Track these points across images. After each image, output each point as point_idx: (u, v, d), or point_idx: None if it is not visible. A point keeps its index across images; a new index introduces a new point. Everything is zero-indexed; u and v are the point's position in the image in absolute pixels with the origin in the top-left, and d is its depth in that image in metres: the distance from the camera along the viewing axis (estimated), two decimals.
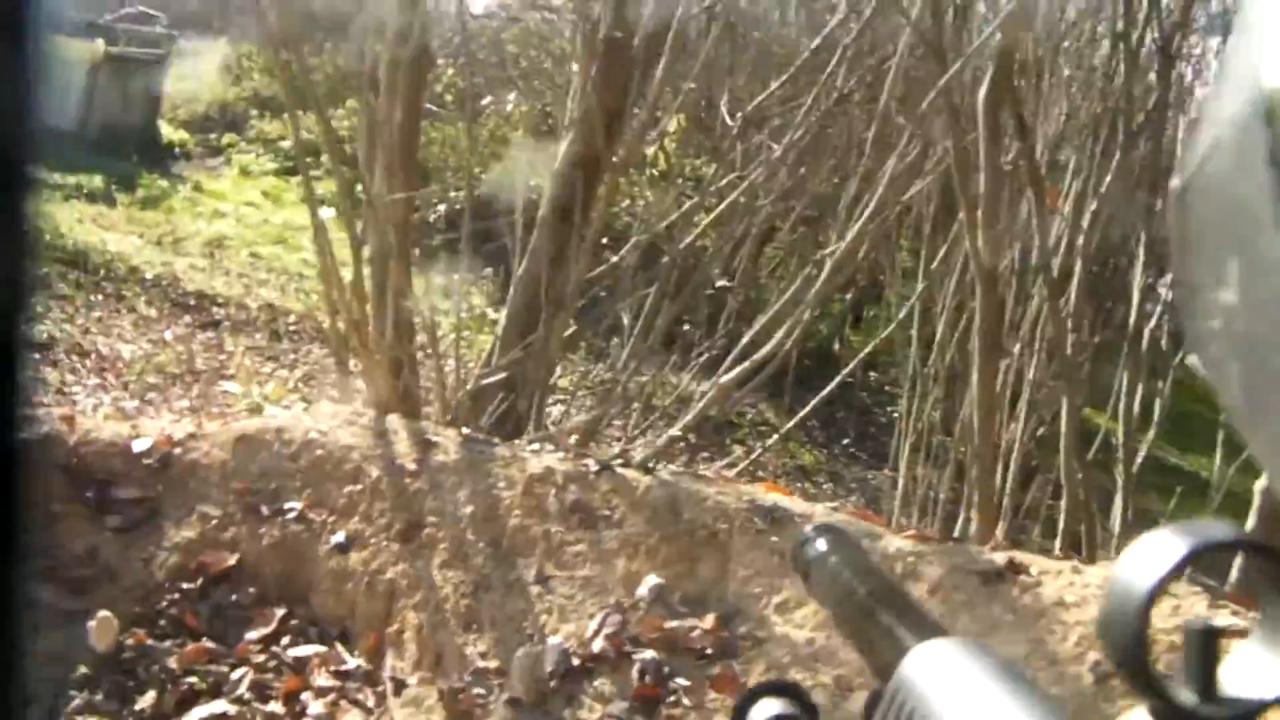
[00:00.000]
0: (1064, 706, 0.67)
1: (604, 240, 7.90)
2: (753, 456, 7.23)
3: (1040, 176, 6.25)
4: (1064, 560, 3.55)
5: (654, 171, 11.76)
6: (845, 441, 9.84)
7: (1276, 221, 0.46)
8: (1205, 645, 0.56)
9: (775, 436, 7.30)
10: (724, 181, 7.28)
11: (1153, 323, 7.12)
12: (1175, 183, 0.55)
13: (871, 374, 10.47)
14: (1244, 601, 3.36)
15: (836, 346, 11.15)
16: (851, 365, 6.86)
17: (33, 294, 0.68)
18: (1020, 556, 3.54)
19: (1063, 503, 6.07)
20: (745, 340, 5.94)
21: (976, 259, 5.10)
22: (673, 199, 7.99)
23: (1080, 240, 6.87)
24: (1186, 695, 0.55)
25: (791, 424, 6.94)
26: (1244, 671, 0.55)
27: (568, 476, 4.16)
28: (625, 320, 6.98)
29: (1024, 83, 6.65)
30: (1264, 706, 0.55)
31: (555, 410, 7.63)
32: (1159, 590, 0.54)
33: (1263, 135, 0.46)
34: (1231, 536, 0.56)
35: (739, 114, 8.38)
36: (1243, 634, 0.58)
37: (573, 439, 5.49)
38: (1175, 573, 0.54)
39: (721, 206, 7.12)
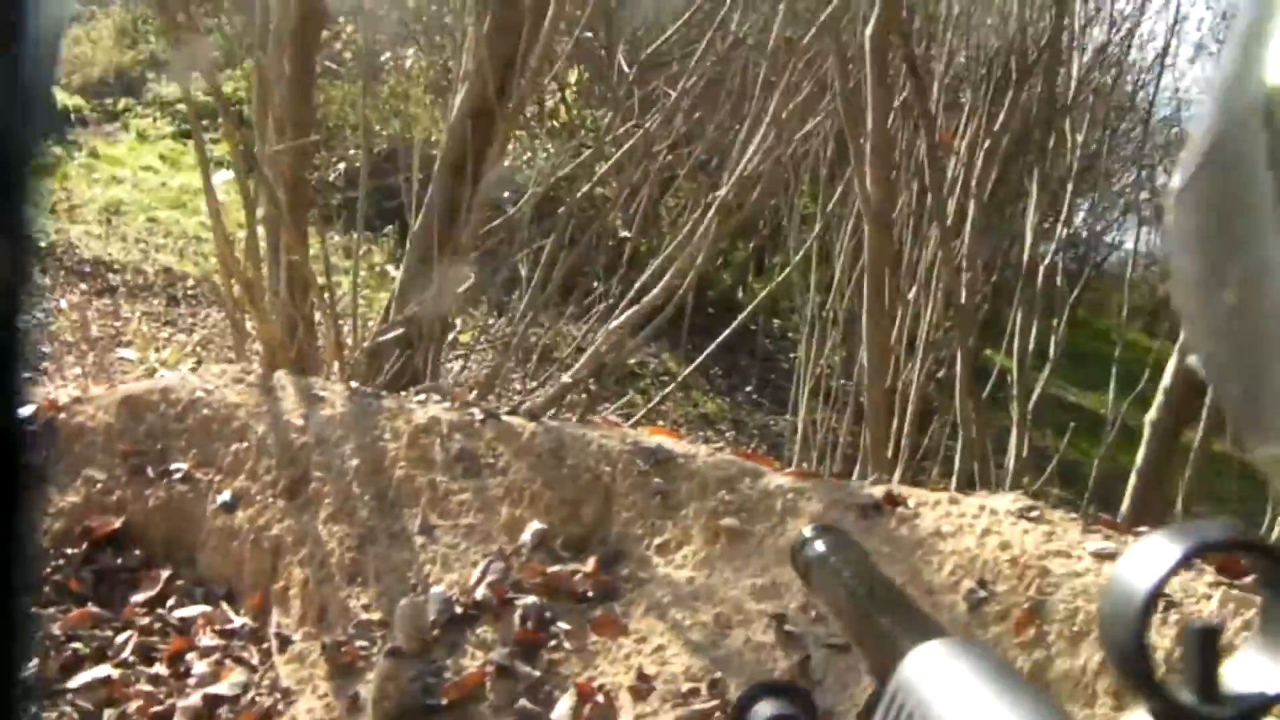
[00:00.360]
0: (1064, 707, 0.67)
1: (506, 194, 7.86)
2: (650, 405, 7.22)
3: (932, 117, 6.27)
4: (941, 491, 3.57)
5: (555, 123, 11.71)
6: (748, 389, 9.87)
7: (1277, 222, 0.46)
8: (1205, 645, 0.55)
9: (673, 385, 7.29)
10: (621, 130, 7.26)
11: (1047, 261, 7.18)
12: (1175, 183, 0.54)
13: (775, 321, 10.49)
14: (1118, 526, 3.40)
15: (740, 295, 11.16)
16: (747, 311, 6.88)
17: (31, 297, 0.68)
18: (898, 489, 3.56)
19: (959, 443, 6.13)
20: (637, 286, 5.95)
21: (865, 202, 5.11)
22: (570, 150, 7.96)
23: (974, 181, 6.91)
24: (1186, 695, 0.54)
25: (689, 370, 6.97)
26: (1244, 671, 0.55)
27: (453, 426, 4.14)
28: (523, 272, 6.96)
29: (917, 22, 6.64)
30: (1265, 706, 0.55)
31: (456, 365, 7.61)
32: (1159, 590, 0.53)
33: (1263, 136, 0.46)
34: (1231, 537, 0.56)
35: (635, 62, 8.37)
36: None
37: (472, 393, 5.47)
38: (1174, 573, 0.53)
39: (618, 155, 7.08)
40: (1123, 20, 11.28)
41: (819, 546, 0.95)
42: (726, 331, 6.52)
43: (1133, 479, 5.98)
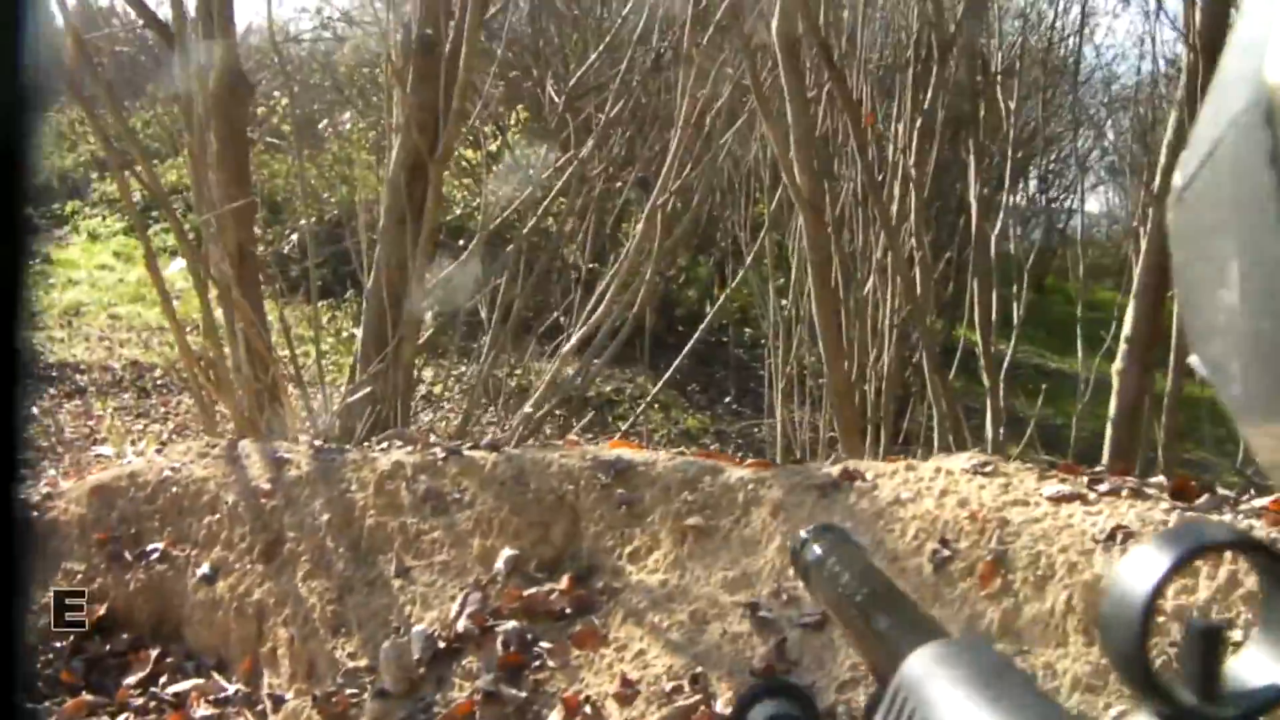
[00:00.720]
0: (1064, 707, 0.67)
1: (459, 240, 7.89)
2: (624, 427, 7.24)
3: (853, 102, 6.31)
4: (898, 461, 3.59)
5: (500, 166, 11.74)
6: (727, 400, 9.88)
7: (1277, 221, 0.45)
8: (1206, 645, 0.55)
9: (645, 404, 7.29)
10: (559, 162, 7.31)
11: (997, 230, 7.21)
12: (1176, 182, 0.54)
13: (746, 329, 10.51)
14: (1074, 469, 3.42)
15: (708, 310, 11.18)
16: (705, 322, 6.88)
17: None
18: (855, 464, 3.58)
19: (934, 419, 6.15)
20: (589, 309, 5.98)
21: (795, 191, 5.14)
22: (513, 188, 7.99)
23: (912, 161, 6.95)
24: (1187, 695, 0.54)
25: (658, 387, 6.97)
26: (1245, 671, 0.55)
27: (417, 467, 4.16)
28: (482, 314, 6.99)
29: (828, 10, 6.68)
30: (1265, 706, 0.54)
31: (429, 416, 7.62)
32: (1159, 591, 0.53)
33: (1264, 135, 0.46)
34: (1231, 537, 0.55)
35: (563, 93, 8.42)
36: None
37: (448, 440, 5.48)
38: (1174, 574, 0.53)
39: (558, 186, 7.13)
40: None
41: (819, 548, 0.95)
42: (689, 345, 6.54)
43: (1109, 430, 6.03)
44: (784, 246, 7.50)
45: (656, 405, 8.04)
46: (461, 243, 7.43)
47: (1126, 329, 5.94)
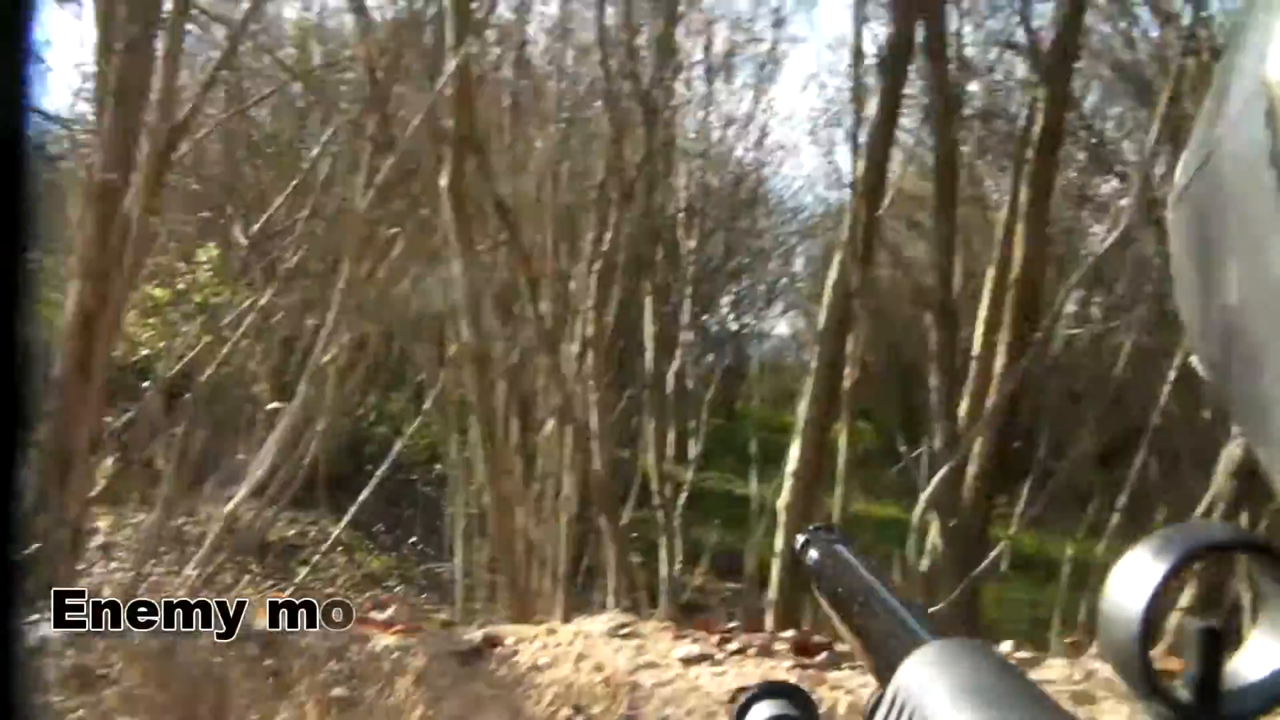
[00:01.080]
0: (1064, 707, 0.65)
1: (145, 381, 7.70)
2: (296, 581, 7.13)
3: (524, 250, 6.42)
4: (539, 625, 3.63)
5: (191, 305, 11.52)
6: (413, 540, 9.77)
7: (1277, 221, 0.45)
8: (1206, 645, 0.54)
9: (327, 546, 7.19)
10: (246, 304, 7.23)
11: (675, 365, 7.38)
12: (1177, 182, 0.54)
13: (435, 467, 10.44)
14: (709, 626, 3.51)
15: (399, 446, 11.06)
16: (387, 463, 6.83)
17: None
18: (496, 630, 3.61)
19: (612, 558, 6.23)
20: (263, 453, 5.90)
21: (460, 344, 5.20)
22: (199, 328, 7.88)
23: (590, 303, 7.07)
24: (1187, 696, 0.54)
25: (339, 529, 6.89)
26: (1245, 671, 0.55)
27: (64, 641, 4.02)
28: (160, 462, 6.82)
29: (501, 159, 6.81)
30: (1265, 707, 0.54)
31: (101, 568, 7.38)
32: (1160, 591, 0.53)
33: (1264, 135, 0.45)
34: (1231, 537, 0.55)
35: (249, 234, 8.35)
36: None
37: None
38: (1174, 574, 0.53)
39: (240, 333, 7.05)
40: (729, 123, 11.58)
41: (820, 548, 0.96)
42: (371, 484, 6.48)
43: (775, 565, 6.16)
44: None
45: (340, 548, 7.91)
46: (146, 384, 7.26)
47: (791, 464, 6.10)
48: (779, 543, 6.08)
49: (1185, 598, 3.68)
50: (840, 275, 6.05)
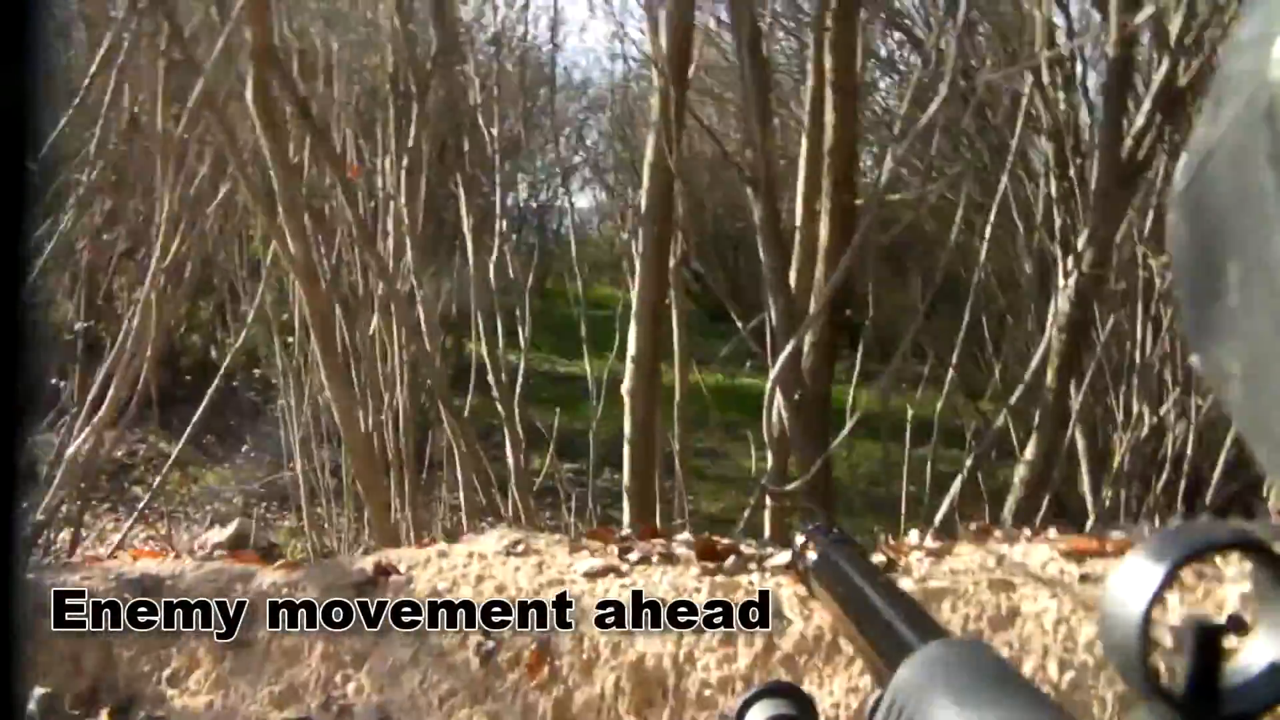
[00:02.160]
0: (1064, 707, 0.64)
1: None
2: (144, 501, 6.96)
3: (335, 154, 6.29)
4: (430, 546, 3.60)
5: None
6: (245, 448, 9.61)
7: (1278, 221, 0.45)
8: (1206, 645, 0.55)
9: (169, 463, 7.03)
10: (40, 229, 6.95)
11: (494, 256, 7.29)
12: (1177, 182, 0.53)
13: (256, 371, 10.22)
14: (604, 535, 3.53)
15: (213, 354, 10.81)
16: (218, 379, 6.66)
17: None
18: (389, 555, 3.57)
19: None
20: (100, 379, 5.73)
21: (291, 260, 5.09)
22: None
23: (402, 199, 6.95)
24: (1187, 696, 0.54)
25: (179, 446, 6.72)
26: (1245, 671, 0.55)
27: None
28: None
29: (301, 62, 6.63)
30: (1265, 707, 0.55)
31: None
32: (1160, 592, 0.53)
33: (1265, 134, 0.45)
34: (1232, 537, 0.55)
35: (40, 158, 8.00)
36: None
37: None
38: (1175, 575, 0.53)
39: (44, 256, 6.78)
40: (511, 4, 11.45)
41: (818, 548, 0.95)
42: (200, 409, 6.32)
43: (626, 450, 6.16)
44: (284, 287, 7.33)
45: (170, 462, 7.75)
46: None
47: (631, 349, 6.09)
48: (628, 426, 6.07)
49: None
50: (656, 156, 6.00)
